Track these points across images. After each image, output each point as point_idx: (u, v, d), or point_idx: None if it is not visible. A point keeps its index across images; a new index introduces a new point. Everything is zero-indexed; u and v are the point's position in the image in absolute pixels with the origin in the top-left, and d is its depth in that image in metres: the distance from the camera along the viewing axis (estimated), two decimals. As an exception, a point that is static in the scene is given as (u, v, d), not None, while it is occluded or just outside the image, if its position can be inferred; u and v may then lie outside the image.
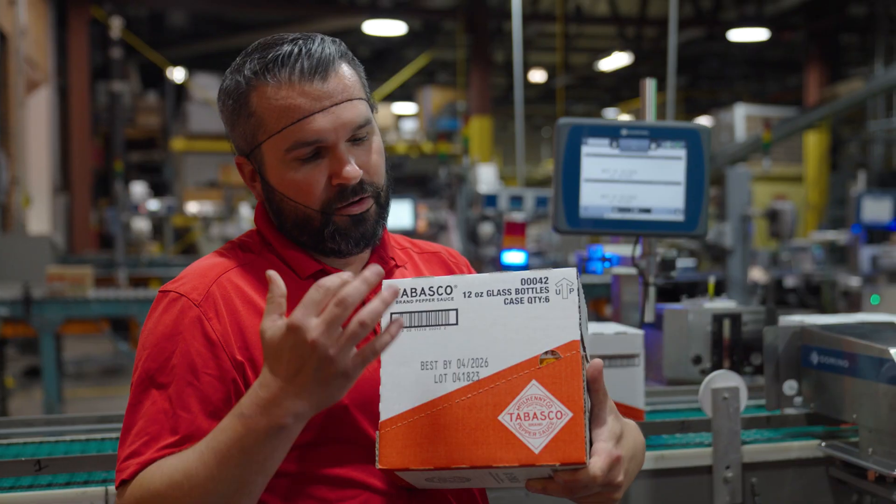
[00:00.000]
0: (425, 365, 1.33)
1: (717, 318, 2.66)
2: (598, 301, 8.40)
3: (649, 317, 2.72)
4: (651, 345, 2.78)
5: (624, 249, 3.21)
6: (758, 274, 8.66)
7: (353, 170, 1.44)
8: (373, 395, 1.39)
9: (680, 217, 2.58)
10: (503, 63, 19.80)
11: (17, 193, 10.28)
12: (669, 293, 2.85)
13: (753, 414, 2.33)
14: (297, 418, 1.23)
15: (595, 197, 2.57)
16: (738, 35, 16.14)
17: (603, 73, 21.18)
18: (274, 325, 1.22)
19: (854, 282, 8.03)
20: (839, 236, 9.27)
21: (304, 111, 1.42)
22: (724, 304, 2.76)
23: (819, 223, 15.04)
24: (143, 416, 1.36)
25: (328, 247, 1.49)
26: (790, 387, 2.24)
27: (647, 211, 2.57)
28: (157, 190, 15.16)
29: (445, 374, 1.32)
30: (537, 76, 21.33)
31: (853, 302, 7.78)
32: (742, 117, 15.99)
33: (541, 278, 1.33)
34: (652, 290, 2.71)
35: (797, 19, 17.60)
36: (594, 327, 2.30)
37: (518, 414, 1.28)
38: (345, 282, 1.19)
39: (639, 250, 2.72)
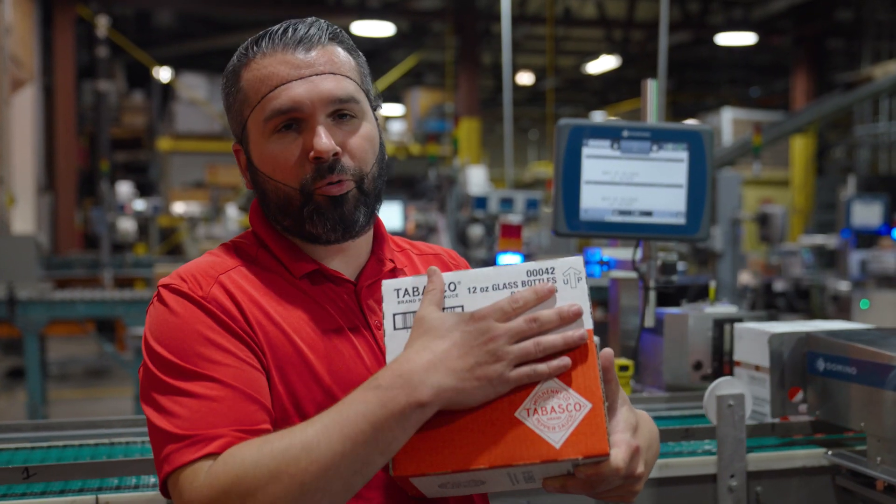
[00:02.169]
0: None
1: (718, 323, 2.62)
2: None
3: (649, 321, 2.68)
4: (650, 350, 2.74)
5: (620, 253, 3.17)
6: (747, 278, 8.65)
7: (326, 143, 1.37)
8: None
9: (681, 220, 2.54)
10: (490, 65, 19.79)
11: (1, 193, 10.18)
12: (668, 297, 2.81)
13: (757, 421, 2.29)
14: (437, 397, 1.18)
15: (596, 199, 2.53)
16: (725, 39, 16.18)
17: (590, 76, 21.21)
18: (440, 312, 1.25)
19: (843, 286, 8.03)
20: (829, 241, 9.28)
21: (282, 78, 1.39)
22: (725, 308, 2.72)
23: (805, 227, 15.07)
24: (197, 398, 1.25)
25: (307, 230, 1.42)
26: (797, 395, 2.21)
27: (649, 214, 2.54)
28: (143, 190, 15.05)
29: None
30: (524, 78, 21.34)
31: (843, 307, 7.78)
32: (729, 121, 16.02)
33: (547, 269, 1.29)
34: (652, 295, 2.68)
35: (784, 24, 17.65)
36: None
37: (535, 409, 1.23)
38: (539, 298, 1.25)
39: (639, 254, 2.69)
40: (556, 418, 1.23)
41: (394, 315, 1.30)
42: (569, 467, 1.24)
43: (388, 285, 1.31)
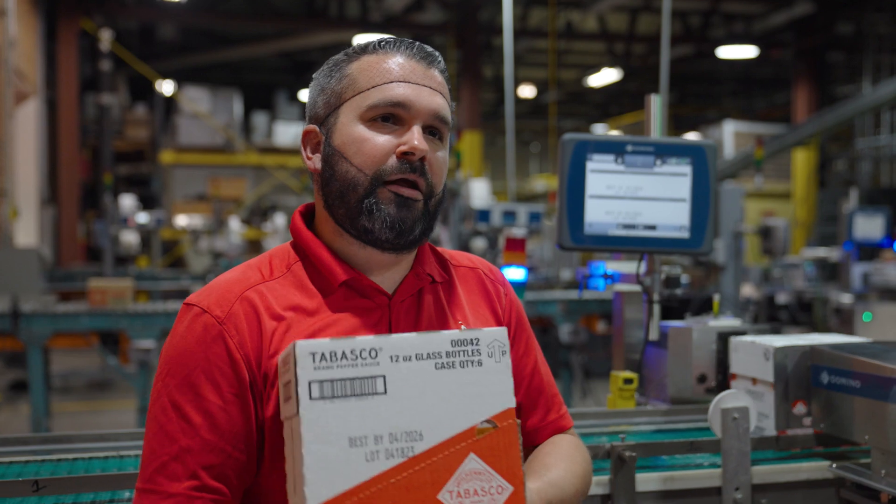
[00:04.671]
0: (354, 441, 1.20)
1: (723, 337, 2.63)
2: (590, 317, 8.39)
3: (654, 335, 2.70)
4: (654, 363, 2.75)
5: (623, 266, 3.19)
6: (749, 290, 8.66)
7: (421, 144, 1.43)
8: None
9: (685, 234, 2.56)
10: (492, 78, 19.85)
11: (4, 205, 10.22)
12: (672, 311, 2.82)
13: (758, 436, 2.29)
14: None
15: (600, 213, 2.55)
16: (726, 52, 16.23)
17: (592, 89, 21.27)
18: None
19: (846, 299, 8.04)
20: (831, 253, 9.29)
21: (401, 76, 1.47)
22: (729, 322, 2.73)
23: (807, 240, 15.10)
24: (171, 439, 1.34)
25: (360, 224, 1.43)
26: (800, 407, 2.22)
27: (653, 228, 2.56)
28: (146, 203, 15.11)
29: (377, 451, 1.20)
30: (526, 91, 21.40)
31: (845, 319, 7.78)
32: (731, 134, 16.08)
33: (471, 339, 1.26)
34: (657, 308, 2.69)
35: (785, 37, 17.70)
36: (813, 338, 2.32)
37: (458, 491, 1.21)
38: None
39: (643, 267, 2.70)
40: (479, 501, 1.22)
41: (309, 382, 1.19)
42: None
43: (302, 348, 1.20)
